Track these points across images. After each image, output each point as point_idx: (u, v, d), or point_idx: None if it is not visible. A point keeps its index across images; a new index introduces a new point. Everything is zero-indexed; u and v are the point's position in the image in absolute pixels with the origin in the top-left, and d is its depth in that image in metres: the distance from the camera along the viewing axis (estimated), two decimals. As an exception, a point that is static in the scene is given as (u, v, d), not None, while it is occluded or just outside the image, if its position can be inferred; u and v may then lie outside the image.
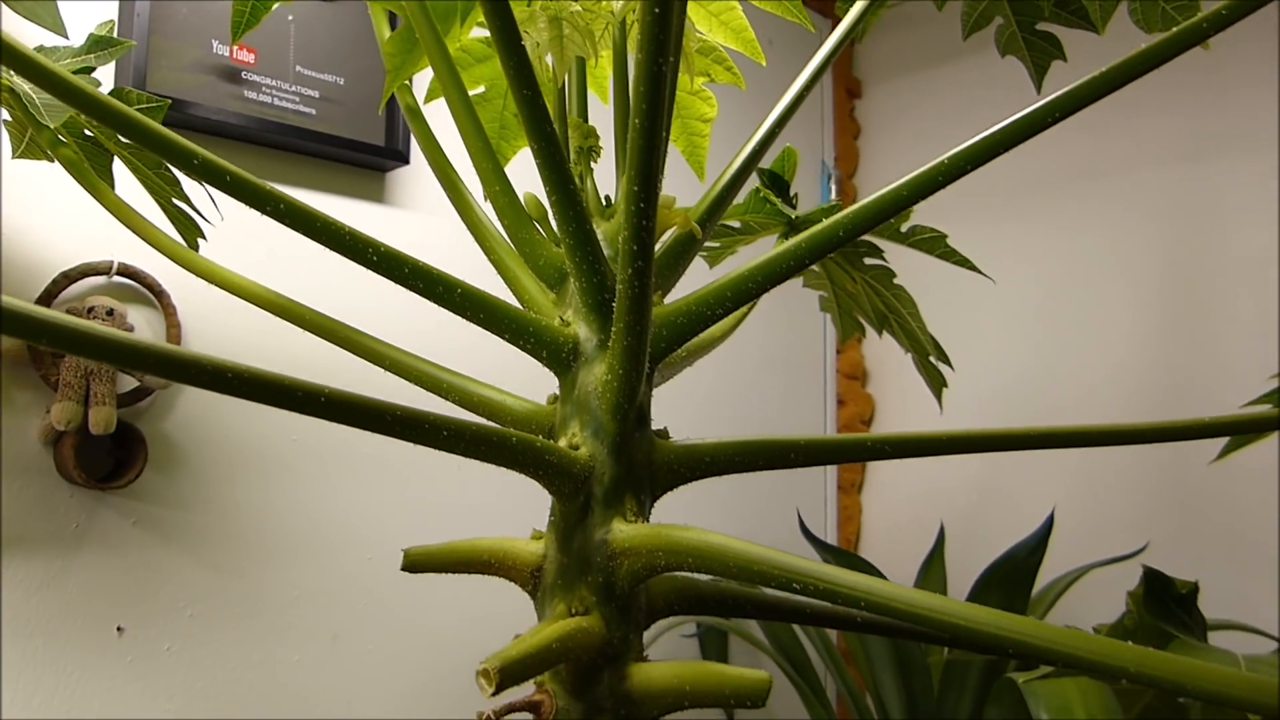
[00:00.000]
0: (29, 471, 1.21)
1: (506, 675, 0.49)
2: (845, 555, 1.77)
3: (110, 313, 1.22)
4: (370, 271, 0.59)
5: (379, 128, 1.53)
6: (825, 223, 0.60)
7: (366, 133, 1.51)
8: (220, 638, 1.35)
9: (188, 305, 1.33)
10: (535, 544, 0.61)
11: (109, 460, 1.25)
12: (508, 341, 0.61)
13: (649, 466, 0.61)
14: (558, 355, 0.62)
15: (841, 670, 1.83)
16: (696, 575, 0.67)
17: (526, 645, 0.51)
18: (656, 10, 0.41)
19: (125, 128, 0.55)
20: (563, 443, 0.60)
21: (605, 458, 0.59)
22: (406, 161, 1.56)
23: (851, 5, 0.89)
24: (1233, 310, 1.85)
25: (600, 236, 0.64)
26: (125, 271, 1.27)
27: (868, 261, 1.26)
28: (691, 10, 0.80)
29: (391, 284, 0.59)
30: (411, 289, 0.59)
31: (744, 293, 0.61)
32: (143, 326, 1.30)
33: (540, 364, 0.63)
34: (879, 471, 2.44)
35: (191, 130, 1.34)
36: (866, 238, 1.22)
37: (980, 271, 1.11)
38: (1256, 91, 1.86)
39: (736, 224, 1.28)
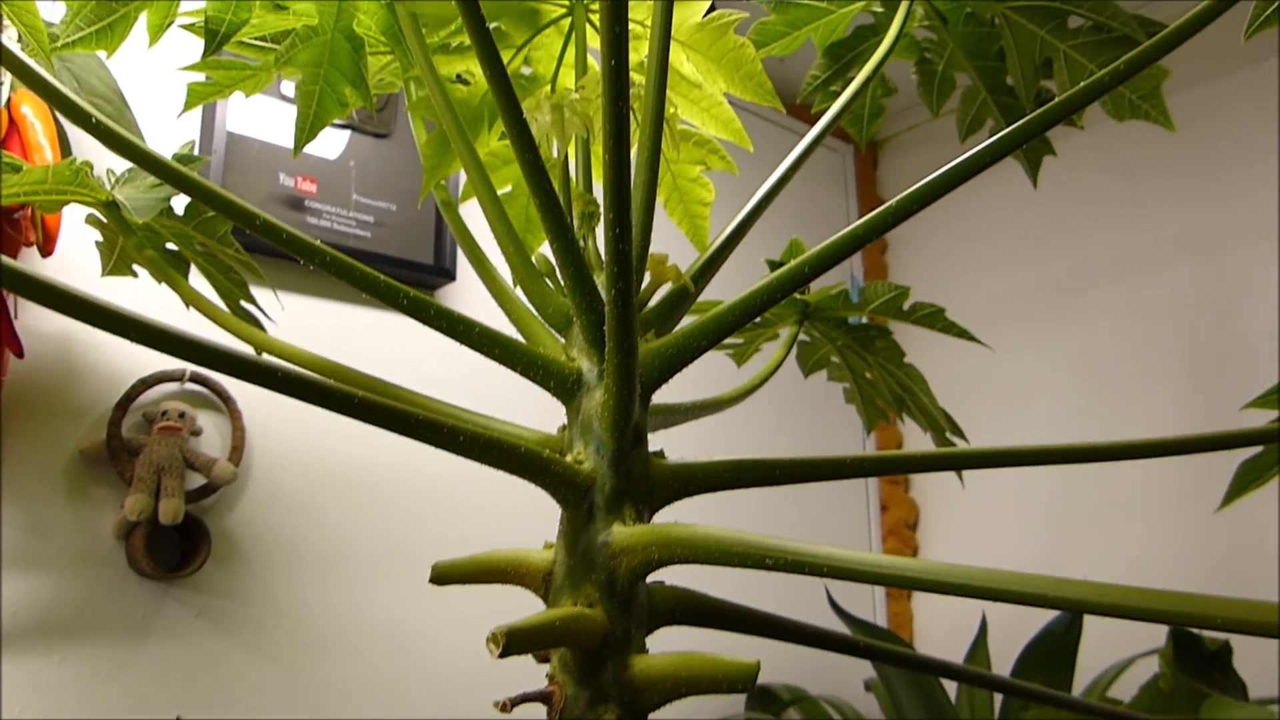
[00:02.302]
0: (102, 563, 1.30)
1: (512, 641, 0.55)
2: (883, 632, 1.78)
3: (182, 415, 1.34)
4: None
5: (429, 248, 1.67)
6: (791, 263, 0.69)
7: (417, 253, 1.66)
8: (275, 729, 1.41)
9: (252, 411, 1.44)
10: (546, 552, 0.69)
11: (176, 551, 1.35)
12: (520, 374, 0.70)
13: (646, 480, 0.68)
14: (564, 385, 0.70)
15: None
16: (697, 590, 0.73)
17: (534, 620, 0.58)
18: (614, 63, 0.51)
19: (206, 197, 0.67)
20: (569, 459, 0.68)
21: (606, 470, 0.66)
22: (453, 278, 1.69)
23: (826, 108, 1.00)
24: (1250, 392, 1.88)
25: (599, 285, 0.74)
26: (197, 379, 1.40)
27: (878, 343, 1.34)
28: (684, 107, 0.91)
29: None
30: (436, 328, 0.68)
31: (725, 325, 0.70)
32: (210, 429, 1.41)
33: (550, 395, 0.71)
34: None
35: (260, 253, 1.48)
36: (876, 320, 1.31)
37: (979, 340, 1.18)
38: (1261, 185, 1.95)
39: (757, 319, 1.38)
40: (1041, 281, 2.26)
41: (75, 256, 1.33)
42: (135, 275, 1.15)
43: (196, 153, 1.46)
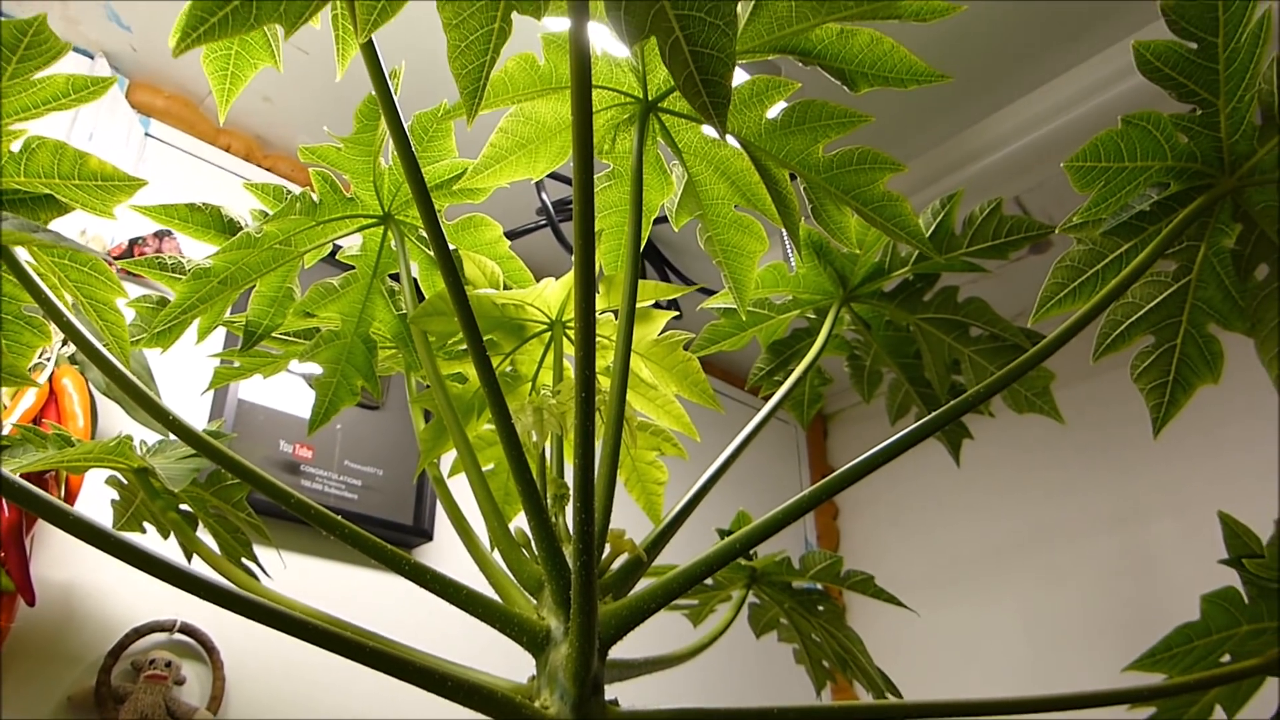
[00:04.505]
0: (75, 812, 1.34)
1: None
2: None
3: (168, 664, 1.43)
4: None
5: (409, 510, 1.81)
6: (724, 541, 0.85)
7: (398, 514, 1.79)
8: None
9: (233, 661, 1.52)
10: (514, 789, 0.79)
11: (148, 799, 1.39)
12: (498, 630, 0.83)
13: (601, 725, 0.80)
14: (534, 640, 0.83)
15: None
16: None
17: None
18: (584, 395, 0.69)
19: (242, 473, 0.82)
20: (537, 704, 0.80)
21: (568, 715, 0.78)
22: (430, 538, 1.82)
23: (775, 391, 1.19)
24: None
25: (567, 556, 0.88)
26: (185, 629, 1.49)
27: (820, 607, 1.47)
28: (642, 404, 1.10)
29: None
30: (430, 589, 0.82)
31: (670, 592, 0.84)
32: (193, 679, 1.49)
33: (522, 648, 0.84)
34: None
35: (258, 512, 1.62)
36: (816, 585, 1.45)
37: (905, 606, 1.32)
38: (1183, 462, 2.16)
39: (711, 581, 1.51)
40: (979, 543, 2.42)
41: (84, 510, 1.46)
42: (144, 531, 1.27)
43: (209, 417, 1.63)
